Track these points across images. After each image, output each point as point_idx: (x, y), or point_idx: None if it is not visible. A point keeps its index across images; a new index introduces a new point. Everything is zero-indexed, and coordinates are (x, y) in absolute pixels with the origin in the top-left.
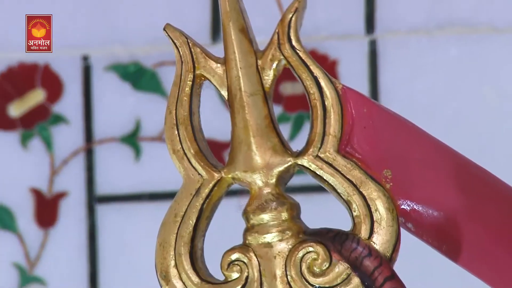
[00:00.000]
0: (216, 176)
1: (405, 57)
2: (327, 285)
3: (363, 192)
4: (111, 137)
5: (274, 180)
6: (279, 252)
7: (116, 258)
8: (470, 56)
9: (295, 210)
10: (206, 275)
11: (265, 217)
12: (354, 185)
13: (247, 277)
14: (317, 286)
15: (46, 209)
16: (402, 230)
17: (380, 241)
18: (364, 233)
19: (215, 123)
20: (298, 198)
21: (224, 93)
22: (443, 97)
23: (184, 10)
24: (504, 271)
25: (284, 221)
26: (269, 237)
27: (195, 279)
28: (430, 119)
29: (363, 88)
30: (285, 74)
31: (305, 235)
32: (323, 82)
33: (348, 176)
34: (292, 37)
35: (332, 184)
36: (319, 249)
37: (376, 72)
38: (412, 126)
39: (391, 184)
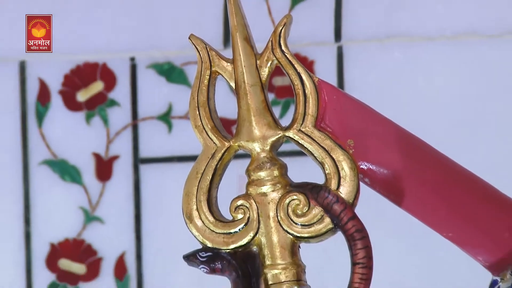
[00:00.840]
0: (227, 144)
1: (363, 59)
2: (306, 223)
3: (333, 156)
4: (150, 116)
5: (268, 147)
6: (272, 199)
7: (155, 204)
8: (410, 58)
9: (283, 169)
10: (219, 216)
11: (262, 174)
12: (326, 151)
13: (248, 218)
14: (299, 224)
15: (104, 168)
16: (361, 184)
17: (345, 191)
18: (333, 185)
19: (225, 106)
20: (285, 160)
21: (232, 84)
22: (390, 88)
23: (204, 23)
24: (434, 213)
25: (275, 177)
26: (264, 189)
27: (211, 218)
28: (381, 104)
29: (333, 81)
30: (277, 71)
31: (291, 187)
32: (304, 76)
33: (322, 144)
34: (282, 44)
35: (310, 150)
36: (301, 197)
37: (342, 70)
38: (369, 108)
39: (353, 150)
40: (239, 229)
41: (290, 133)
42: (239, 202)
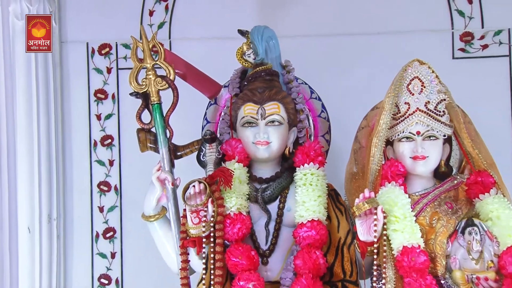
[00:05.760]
0: (141, 64)
1: (180, 45)
2: (161, 86)
3: (169, 68)
4: (125, 56)
5: (151, 65)
6: (153, 79)
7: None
8: (217, 50)
9: (156, 71)
10: (139, 83)
11: (149, 72)
12: (167, 67)
13: (146, 84)
14: (159, 85)
15: (110, 70)
16: (179, 79)
17: (171, 77)
18: (169, 76)
19: (141, 55)
20: (157, 69)
21: (141, 49)
22: (206, 61)
23: (134, 30)
24: (196, 85)
25: (153, 73)
26: (150, 76)
27: (136, 84)
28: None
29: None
30: (153, 46)
31: (157, 75)
32: (162, 48)
33: (165, 65)
34: (155, 38)
35: (163, 67)
36: (160, 79)
37: (171, 48)
38: (178, 57)
39: (174, 66)
40: (143, 86)
41: (158, 62)
42: (143, 77)
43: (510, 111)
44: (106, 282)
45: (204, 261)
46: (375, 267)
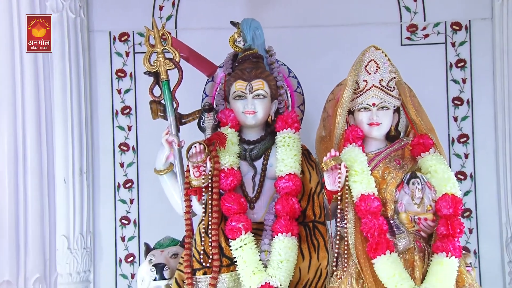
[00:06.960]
0: (153, 49)
1: (186, 35)
2: (169, 66)
3: (175, 52)
4: (140, 42)
5: (161, 50)
6: (161, 60)
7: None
8: (214, 38)
9: (165, 54)
10: (151, 64)
11: (159, 55)
12: (173, 51)
13: (158, 64)
14: (167, 66)
15: (126, 50)
16: (183, 61)
17: (177, 60)
18: (174, 59)
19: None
20: (165, 52)
21: (153, 36)
22: (205, 46)
23: (147, 21)
24: (198, 66)
25: (163, 56)
26: (160, 59)
27: (149, 65)
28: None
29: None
30: (163, 34)
31: (165, 58)
32: (169, 35)
33: (172, 49)
34: (163, 27)
35: (171, 51)
36: (168, 61)
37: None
38: (182, 43)
39: (179, 50)
40: (155, 66)
41: (166, 47)
42: (154, 59)
43: (445, 86)
44: (126, 222)
45: (203, 206)
46: (339, 211)
